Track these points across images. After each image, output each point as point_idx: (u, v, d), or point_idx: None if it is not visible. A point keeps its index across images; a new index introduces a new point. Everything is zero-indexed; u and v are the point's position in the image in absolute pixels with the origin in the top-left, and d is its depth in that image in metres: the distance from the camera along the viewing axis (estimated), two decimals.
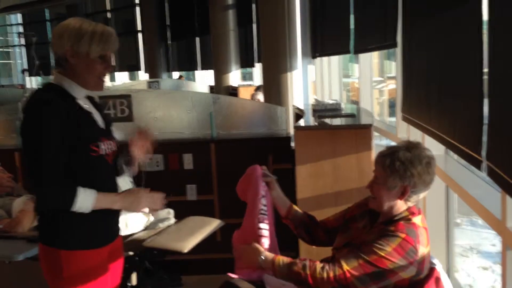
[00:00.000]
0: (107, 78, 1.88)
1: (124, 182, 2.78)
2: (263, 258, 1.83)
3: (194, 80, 15.53)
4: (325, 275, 1.69)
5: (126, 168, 2.02)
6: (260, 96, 7.01)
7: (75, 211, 1.74)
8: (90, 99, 1.92)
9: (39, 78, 18.49)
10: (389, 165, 1.74)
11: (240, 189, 2.13)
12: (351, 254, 1.73)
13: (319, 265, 1.73)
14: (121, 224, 2.06)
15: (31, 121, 1.72)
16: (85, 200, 1.74)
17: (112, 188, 1.92)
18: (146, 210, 1.92)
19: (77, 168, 1.77)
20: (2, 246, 2.48)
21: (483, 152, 1.69)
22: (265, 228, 1.94)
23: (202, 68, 14.57)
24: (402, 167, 1.72)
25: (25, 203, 2.80)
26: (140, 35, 14.95)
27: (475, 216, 5.29)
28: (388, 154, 1.77)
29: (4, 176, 3.10)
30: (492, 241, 4.99)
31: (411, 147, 1.78)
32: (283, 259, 1.81)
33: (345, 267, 1.69)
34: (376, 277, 1.67)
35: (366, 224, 1.90)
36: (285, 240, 2.15)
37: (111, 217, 1.93)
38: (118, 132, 2.12)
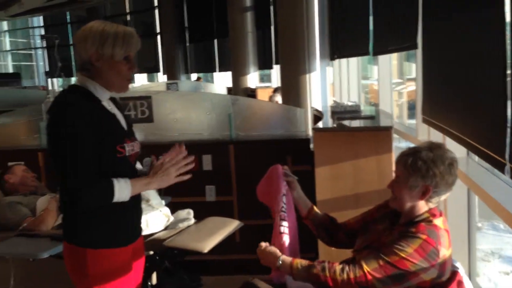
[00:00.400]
0: (131, 79, 1.90)
1: None
2: (280, 262, 1.83)
3: (212, 82, 15.62)
4: (345, 276, 1.69)
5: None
6: (278, 98, 7.01)
7: (116, 201, 1.74)
8: (112, 100, 1.94)
9: (60, 80, 18.82)
10: (411, 165, 1.74)
11: (260, 190, 2.14)
12: (371, 255, 1.72)
13: (338, 266, 1.72)
14: (142, 224, 2.08)
15: (57, 122, 1.74)
16: (123, 189, 1.75)
17: (136, 195, 1.89)
18: (185, 177, 1.84)
19: (103, 168, 1.77)
20: (27, 244, 2.53)
21: (507, 155, 1.67)
22: (285, 225, 1.95)
23: (220, 70, 14.65)
24: (424, 167, 1.72)
25: (49, 202, 2.86)
26: (159, 37, 15.10)
27: (497, 220, 5.21)
28: (411, 154, 1.76)
29: (28, 176, 3.18)
30: None
31: (434, 147, 1.77)
32: (301, 262, 1.81)
33: (366, 268, 1.68)
34: (397, 279, 1.67)
35: (387, 226, 1.89)
36: (305, 241, 2.16)
37: (134, 215, 1.95)
38: (138, 133, 2.15)
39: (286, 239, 1.94)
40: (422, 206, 1.77)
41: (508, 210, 1.92)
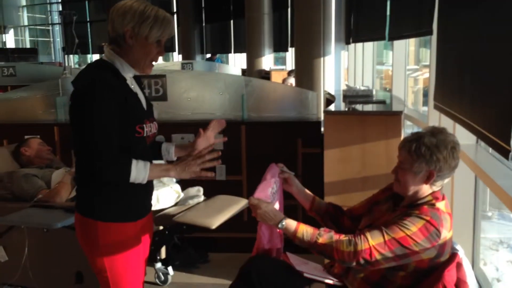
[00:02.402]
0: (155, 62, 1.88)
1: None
2: (284, 223, 1.82)
3: (227, 63, 15.59)
4: (352, 248, 1.71)
5: (171, 152, 2.05)
6: (292, 81, 7.01)
7: (133, 182, 1.76)
8: (135, 78, 1.94)
9: (76, 56, 18.91)
10: (415, 150, 1.76)
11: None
12: (376, 230, 1.73)
13: (345, 238, 1.74)
14: (153, 200, 2.11)
15: (84, 94, 1.74)
16: (141, 171, 1.76)
17: None
18: (209, 174, 1.84)
19: (122, 146, 1.78)
20: (41, 214, 2.62)
21: None
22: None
23: (235, 51, 14.62)
24: (428, 152, 1.75)
25: (64, 175, 2.94)
26: (175, 17, 15.08)
27: (507, 210, 5.20)
28: (414, 140, 1.79)
29: (44, 149, 3.25)
30: None
31: (436, 132, 1.80)
32: (306, 229, 1.79)
33: (371, 242, 1.70)
34: (398, 254, 1.70)
35: (390, 206, 1.93)
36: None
37: (145, 192, 1.98)
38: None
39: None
40: (426, 190, 1.80)
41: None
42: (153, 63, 1.87)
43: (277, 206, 1.98)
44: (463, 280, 1.75)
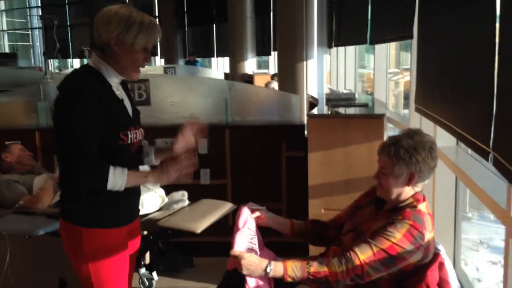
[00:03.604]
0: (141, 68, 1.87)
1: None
2: (271, 267, 1.75)
3: (209, 67, 15.57)
4: (344, 267, 1.71)
5: (151, 156, 2.03)
6: (275, 85, 7.04)
7: (110, 189, 1.75)
8: (122, 84, 1.92)
9: (56, 61, 18.72)
10: (394, 154, 1.79)
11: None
12: (363, 243, 1.74)
13: (334, 259, 1.74)
14: None
15: (68, 100, 1.73)
16: (118, 178, 1.76)
17: None
18: (187, 179, 1.84)
19: (104, 153, 1.78)
20: (23, 221, 2.59)
21: (491, 143, 1.72)
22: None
23: (218, 55, 14.61)
24: (407, 155, 1.77)
25: (46, 181, 2.91)
26: (157, 21, 14.98)
27: (487, 211, 5.29)
28: (392, 144, 1.81)
29: (24, 155, 3.22)
30: (502, 236, 4.98)
31: (413, 134, 1.83)
32: (293, 263, 1.76)
33: (361, 257, 1.71)
34: (387, 264, 1.71)
35: (372, 210, 1.94)
36: (296, 246, 2.19)
37: (132, 198, 1.97)
38: None
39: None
40: (408, 192, 1.83)
41: (492, 197, 1.98)
42: (140, 69, 1.86)
43: (257, 250, 1.90)
44: (445, 279, 1.78)
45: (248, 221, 1.95)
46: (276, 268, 1.75)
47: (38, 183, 2.94)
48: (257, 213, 2.01)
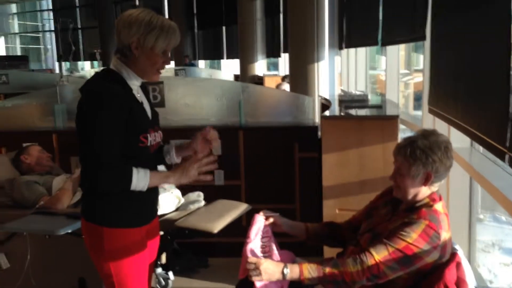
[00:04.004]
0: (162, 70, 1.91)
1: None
2: (288, 270, 1.78)
3: (219, 69, 15.63)
4: (359, 267, 1.73)
5: (172, 153, 2.05)
6: (286, 86, 7.06)
7: (133, 190, 1.79)
8: (142, 87, 1.96)
9: (67, 64, 18.85)
10: (410, 155, 1.80)
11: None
12: (379, 243, 1.76)
13: (349, 259, 1.76)
14: None
15: (94, 103, 1.75)
16: (141, 179, 1.79)
17: None
18: (208, 177, 1.88)
19: (125, 155, 1.81)
20: (44, 221, 2.62)
21: (507, 144, 1.74)
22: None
23: (228, 57, 14.66)
24: (423, 155, 1.79)
25: (65, 181, 2.95)
26: None
27: (499, 212, 5.27)
28: (408, 144, 1.82)
29: (43, 156, 3.27)
30: None
31: (428, 134, 1.84)
32: (309, 265, 1.78)
33: (376, 257, 1.72)
34: (404, 264, 1.73)
35: (389, 211, 1.96)
36: (311, 247, 2.20)
37: (150, 198, 2.00)
38: None
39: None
40: (425, 192, 1.85)
41: (510, 199, 1.99)
42: (161, 71, 1.91)
43: (274, 254, 1.95)
44: (462, 279, 1.78)
45: (260, 230, 1.99)
46: (293, 270, 1.78)
47: (57, 184, 2.99)
48: (271, 220, 2.04)
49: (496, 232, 5.03)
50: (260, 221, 2.01)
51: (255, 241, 1.94)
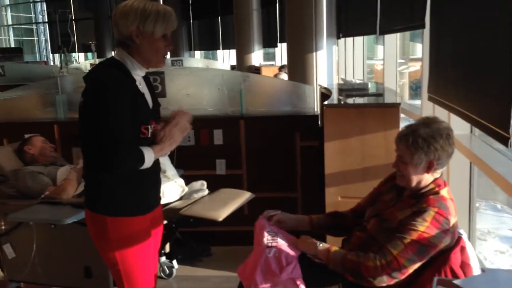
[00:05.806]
0: (167, 55, 1.94)
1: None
2: (320, 245, 1.91)
3: (215, 59, 15.59)
4: (378, 262, 1.76)
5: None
6: (284, 76, 7.08)
7: (144, 167, 1.83)
8: (145, 78, 1.97)
9: (62, 55, 18.71)
10: (412, 143, 1.83)
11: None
12: (393, 239, 1.79)
13: (370, 254, 1.80)
14: None
15: (101, 91, 1.76)
16: (148, 156, 1.83)
17: (154, 166, 1.95)
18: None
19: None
20: (49, 211, 2.65)
21: (511, 130, 1.76)
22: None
23: (224, 48, 14.61)
24: (425, 144, 1.81)
25: (69, 172, 2.97)
26: None
27: (494, 200, 5.33)
28: (409, 133, 1.85)
29: (47, 147, 3.28)
30: (510, 226, 5.03)
31: (429, 122, 1.86)
32: (337, 249, 1.89)
33: (394, 252, 1.76)
34: (421, 253, 1.76)
35: (394, 196, 1.99)
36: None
37: (152, 186, 2.02)
38: None
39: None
40: (428, 178, 1.88)
41: (510, 182, 2.03)
42: (165, 56, 1.93)
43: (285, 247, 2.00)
44: (466, 263, 1.82)
45: (265, 234, 2.01)
46: (323, 247, 1.91)
47: (61, 174, 3.00)
48: (276, 217, 2.09)
49: (492, 220, 5.09)
50: (262, 227, 2.04)
51: (262, 247, 1.98)
